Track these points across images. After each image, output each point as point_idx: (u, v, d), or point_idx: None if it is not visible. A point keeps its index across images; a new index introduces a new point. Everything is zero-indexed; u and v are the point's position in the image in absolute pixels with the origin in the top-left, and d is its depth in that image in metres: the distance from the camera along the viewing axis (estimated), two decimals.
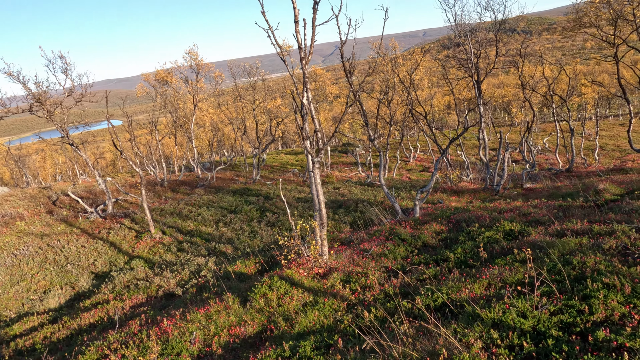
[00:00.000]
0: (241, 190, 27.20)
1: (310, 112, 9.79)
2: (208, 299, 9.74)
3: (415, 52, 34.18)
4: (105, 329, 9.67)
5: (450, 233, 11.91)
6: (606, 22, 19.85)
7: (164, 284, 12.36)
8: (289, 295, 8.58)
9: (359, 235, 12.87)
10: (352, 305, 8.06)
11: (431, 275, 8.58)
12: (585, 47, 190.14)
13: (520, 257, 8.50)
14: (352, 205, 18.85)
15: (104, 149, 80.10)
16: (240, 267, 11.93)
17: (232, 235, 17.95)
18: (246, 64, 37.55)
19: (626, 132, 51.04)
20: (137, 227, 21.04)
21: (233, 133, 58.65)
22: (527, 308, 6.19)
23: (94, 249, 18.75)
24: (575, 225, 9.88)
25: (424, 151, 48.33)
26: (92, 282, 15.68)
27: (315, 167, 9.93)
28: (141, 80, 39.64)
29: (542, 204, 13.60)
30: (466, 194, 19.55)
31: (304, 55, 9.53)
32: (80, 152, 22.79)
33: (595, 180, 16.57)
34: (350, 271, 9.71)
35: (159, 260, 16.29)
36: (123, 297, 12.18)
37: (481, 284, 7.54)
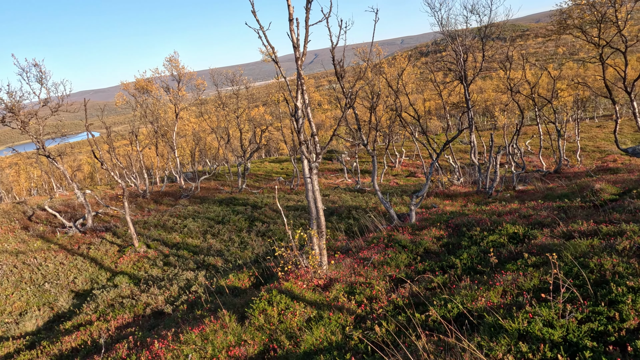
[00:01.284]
0: (227, 200, 26.44)
1: (307, 115, 9.30)
2: (202, 317, 9.06)
3: (399, 58, 34.21)
4: (89, 354, 8.88)
5: (451, 238, 11.53)
6: (590, 25, 20.05)
7: (151, 302, 11.59)
8: (291, 310, 8.00)
9: (357, 243, 12.39)
10: (360, 318, 7.54)
11: (440, 283, 8.14)
12: (557, 52, 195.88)
13: (531, 261, 8.14)
14: (345, 212, 18.38)
15: (81, 161, 77.90)
16: (234, 280, 11.28)
17: (221, 247, 17.23)
18: (229, 72, 36.92)
19: (605, 133, 52.23)
20: (119, 241, 20.08)
21: (215, 142, 57.71)
22: (552, 316, 5.78)
23: (74, 265, 17.74)
24: (582, 226, 9.62)
25: (409, 156, 48.39)
26: (73, 301, 14.73)
27: (313, 172, 9.43)
28: (120, 89, 38.54)
29: (540, 206, 13.41)
30: (459, 197, 19.33)
31: (299, 55, 9.06)
32: (58, 164, 21.73)
33: (589, 180, 16.54)
34: (353, 282, 9.20)
35: (144, 276, 15.44)
36: (107, 317, 11.35)
37: (496, 291, 7.13)
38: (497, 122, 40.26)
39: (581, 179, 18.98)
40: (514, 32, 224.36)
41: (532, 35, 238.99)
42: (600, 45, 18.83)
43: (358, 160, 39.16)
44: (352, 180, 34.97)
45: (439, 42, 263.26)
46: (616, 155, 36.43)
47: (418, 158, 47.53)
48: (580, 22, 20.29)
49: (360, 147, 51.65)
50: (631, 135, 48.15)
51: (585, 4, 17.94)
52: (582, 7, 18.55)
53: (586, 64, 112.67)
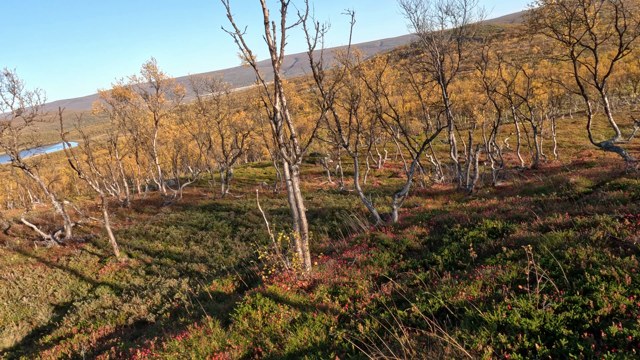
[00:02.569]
0: (210, 206, 26.20)
1: (285, 117, 9.32)
2: (185, 324, 8.96)
3: (378, 60, 34.53)
4: None
5: (433, 235, 11.68)
6: (561, 23, 20.60)
7: (133, 311, 11.40)
8: (275, 313, 7.98)
9: (340, 244, 12.43)
10: (344, 318, 7.57)
11: (422, 279, 8.24)
12: (532, 52, 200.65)
13: (509, 254, 8.31)
14: (328, 214, 18.41)
15: (59, 172, 76.13)
16: (218, 286, 11.18)
17: (204, 253, 17.05)
18: (209, 77, 36.68)
19: (580, 129, 53.62)
20: (100, 251, 19.69)
21: (197, 149, 57.16)
22: (530, 307, 5.91)
23: (53, 278, 17.32)
24: (557, 219, 9.86)
25: (391, 157, 48.77)
26: (53, 314, 14.37)
27: (294, 174, 9.44)
28: (97, 97, 37.89)
29: (518, 201, 13.69)
30: (440, 195, 19.58)
31: (276, 58, 9.08)
32: (34, 176, 21.22)
33: (564, 174, 16.96)
34: (337, 282, 9.23)
35: (126, 286, 15.17)
36: (89, 329, 11.11)
37: (476, 285, 7.25)
38: (476, 120, 40.96)
39: (557, 173, 19.44)
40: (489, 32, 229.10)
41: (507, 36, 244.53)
42: (571, 43, 19.35)
43: (341, 162, 39.31)
44: (335, 183, 35.08)
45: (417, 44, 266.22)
46: (591, 150, 37.44)
47: (400, 158, 47.97)
48: (552, 21, 20.83)
49: (343, 149, 51.88)
50: (605, 130, 49.54)
51: (556, 3, 18.44)
52: (552, 7, 19.06)
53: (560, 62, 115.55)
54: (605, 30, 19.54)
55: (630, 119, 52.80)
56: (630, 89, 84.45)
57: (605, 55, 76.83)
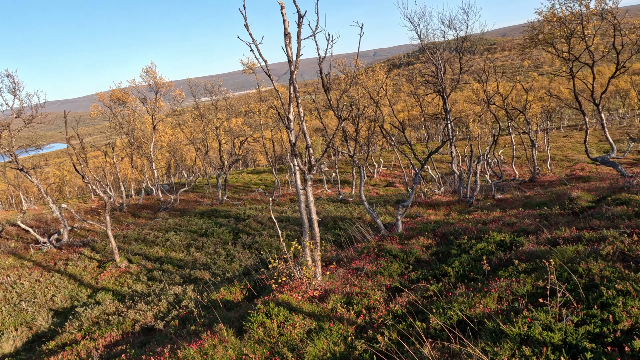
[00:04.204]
0: (209, 212, 26.10)
1: (302, 128, 9.41)
2: (197, 332, 8.93)
3: (377, 70, 34.88)
4: None
5: (440, 247, 11.80)
6: (559, 40, 21.06)
7: (140, 318, 11.30)
8: (290, 322, 8.00)
9: (347, 254, 12.50)
10: (361, 328, 7.62)
11: (436, 291, 8.33)
12: (523, 65, 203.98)
13: (522, 267, 8.45)
14: (331, 222, 18.46)
15: (48, 174, 75.17)
16: (225, 294, 11.16)
17: (207, 260, 16.96)
18: (207, 82, 36.71)
19: (572, 143, 54.50)
20: (98, 256, 19.49)
21: (192, 153, 56.95)
22: (550, 320, 6.03)
23: (51, 282, 17.09)
24: (565, 233, 10.05)
25: (387, 166, 49.09)
26: (53, 320, 14.17)
27: (308, 184, 9.51)
28: (93, 100, 37.64)
29: (522, 214, 13.90)
30: (441, 206, 19.76)
31: (293, 68, 9.20)
32: (32, 178, 20.99)
33: (564, 188, 17.26)
34: (349, 292, 9.28)
35: (128, 292, 15.03)
36: (94, 335, 10.99)
37: (492, 297, 7.36)
38: (471, 132, 41.47)
39: (556, 187, 19.76)
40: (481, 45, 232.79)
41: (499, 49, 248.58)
42: (570, 60, 19.79)
43: (337, 170, 39.44)
44: (332, 191, 35.18)
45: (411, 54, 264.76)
46: (584, 164, 38.11)
47: (396, 168, 48.29)
48: (551, 38, 21.29)
49: (339, 157, 52.11)
50: (596, 144, 50.42)
51: (556, 20, 18.89)
52: (552, 24, 19.51)
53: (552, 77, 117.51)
54: (604, 48, 20.03)
55: (621, 135, 53.88)
56: (618, 104, 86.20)
57: (601, 72, 78.42)
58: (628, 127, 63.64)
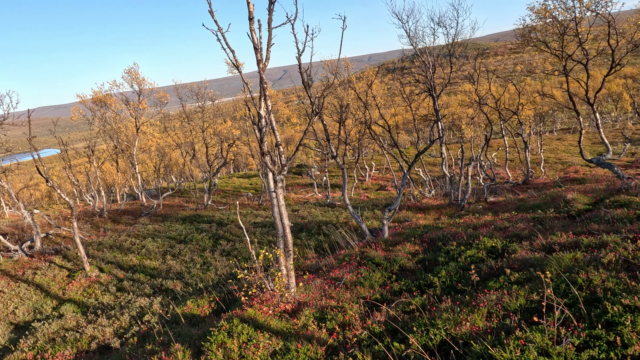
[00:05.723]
0: (191, 217, 25.06)
1: (271, 123, 8.50)
2: (152, 353, 7.94)
3: (367, 72, 34.14)
4: None
5: (427, 254, 10.90)
6: (552, 38, 20.38)
7: (98, 334, 10.28)
8: (254, 342, 7.04)
9: (328, 262, 11.56)
10: (332, 349, 6.68)
11: (419, 305, 7.42)
12: (515, 70, 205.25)
13: (514, 277, 7.57)
14: (315, 227, 17.53)
15: (38, 179, 73.63)
16: (192, 307, 10.17)
17: (181, 269, 15.95)
18: (193, 85, 35.77)
19: (565, 146, 54.03)
20: (69, 265, 18.40)
21: (181, 158, 55.84)
22: (546, 343, 5.13)
23: (16, 294, 15.98)
24: (561, 238, 9.20)
25: (379, 170, 48.29)
26: (10, 335, 13.07)
27: (278, 186, 8.59)
28: (77, 103, 36.54)
29: (515, 217, 13.05)
30: (432, 210, 18.90)
31: (261, 57, 8.29)
32: (1, 182, 19.90)
33: (559, 190, 16.46)
34: (324, 305, 8.34)
35: (94, 304, 13.98)
36: (46, 354, 9.94)
37: (481, 313, 6.46)
38: (464, 135, 40.83)
39: (550, 189, 18.97)
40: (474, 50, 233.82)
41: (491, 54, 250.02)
42: (563, 57, 19.09)
43: (328, 174, 38.57)
44: (322, 195, 34.26)
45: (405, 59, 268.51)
46: (577, 167, 37.51)
47: (388, 171, 47.50)
48: (544, 36, 20.61)
49: (330, 161, 51.25)
50: (589, 147, 49.97)
51: (549, 16, 18.20)
52: (545, 21, 18.83)
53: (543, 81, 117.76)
54: (598, 46, 19.37)
55: (614, 137, 53.49)
56: (611, 107, 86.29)
57: (593, 76, 78.35)
58: (621, 129, 63.44)
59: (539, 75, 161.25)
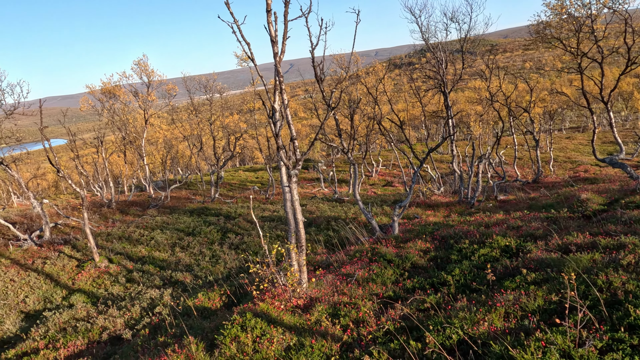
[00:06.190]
0: (199, 210, 25.10)
1: (286, 117, 8.43)
2: (165, 345, 7.95)
3: (377, 66, 33.90)
4: None
5: (439, 251, 10.82)
6: (567, 35, 20.09)
7: (109, 325, 10.33)
8: (267, 337, 7.02)
9: (338, 257, 11.51)
10: (347, 346, 6.64)
11: (433, 303, 7.35)
12: (524, 67, 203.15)
13: (531, 278, 7.47)
14: (324, 223, 17.50)
15: (45, 169, 74.14)
16: (203, 300, 10.17)
17: (190, 261, 15.98)
18: (202, 77, 35.70)
19: (574, 144, 53.52)
20: (79, 255, 18.50)
21: (188, 150, 55.93)
22: (568, 345, 5.05)
23: (26, 283, 16.10)
24: (577, 239, 9.08)
25: (385, 165, 48.10)
26: (21, 324, 13.19)
27: (293, 180, 8.53)
28: (86, 94, 36.62)
29: (527, 217, 12.92)
30: (441, 207, 18.79)
31: (277, 51, 8.21)
32: (12, 172, 20.00)
33: (571, 190, 16.28)
34: (336, 302, 8.30)
35: (104, 294, 14.05)
36: (57, 344, 10.01)
37: (498, 313, 6.38)
38: (473, 132, 40.51)
39: (561, 188, 18.78)
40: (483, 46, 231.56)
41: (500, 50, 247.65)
42: (578, 55, 18.81)
43: (335, 169, 38.45)
44: (329, 190, 34.20)
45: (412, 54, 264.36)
46: (587, 166, 37.11)
47: (395, 167, 47.31)
48: (558, 33, 20.31)
49: (337, 156, 51.13)
50: (599, 146, 49.39)
51: (565, 13, 17.92)
52: (561, 17, 18.55)
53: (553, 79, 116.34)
54: (614, 43, 19.04)
55: (625, 137, 52.86)
56: (621, 107, 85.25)
57: (615, 70, 77.21)
58: (632, 129, 62.69)
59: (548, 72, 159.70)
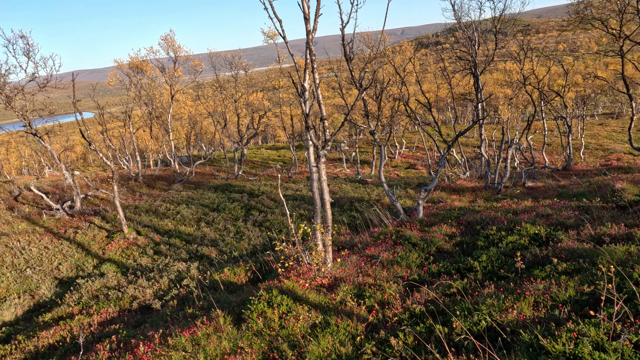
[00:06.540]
0: (223, 187, 25.47)
1: (318, 97, 8.35)
2: (193, 317, 8.21)
3: (405, 46, 33.10)
4: (67, 354, 8.03)
5: (465, 237, 10.72)
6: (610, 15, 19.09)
7: (139, 295, 10.72)
8: (293, 313, 7.15)
9: (362, 239, 11.54)
10: (372, 327, 6.71)
11: (460, 288, 7.32)
12: (557, 49, 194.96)
13: (562, 267, 7.34)
14: (347, 203, 17.51)
15: (74, 142, 76.27)
16: (229, 275, 10.41)
17: (215, 236, 16.33)
18: (227, 54, 35.64)
19: (607, 132, 51.57)
20: (108, 226, 19.13)
21: (212, 126, 56.45)
22: (601, 338, 4.97)
23: (59, 250, 16.80)
24: (611, 230, 8.82)
25: (409, 148, 47.51)
26: (56, 290, 13.83)
27: (321, 161, 8.52)
28: (114, 68, 37.13)
29: (557, 205, 12.60)
30: (466, 192, 18.51)
31: (310, 28, 8.08)
32: (45, 143, 20.63)
33: (604, 179, 15.75)
34: (361, 282, 8.36)
35: (133, 265, 14.55)
36: (90, 310, 10.47)
37: (527, 302, 6.31)
38: (501, 116, 39.43)
39: (593, 177, 18.19)
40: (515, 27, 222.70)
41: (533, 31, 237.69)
42: (620, 37, 17.90)
43: (358, 150, 38.21)
44: (351, 171, 34.10)
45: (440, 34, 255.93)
46: (620, 154, 35.78)
47: (418, 150, 46.70)
48: (600, 13, 19.33)
49: (360, 136, 50.72)
50: (634, 134, 47.50)
51: None
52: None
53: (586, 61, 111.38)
54: None
55: None
56: None
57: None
58: None
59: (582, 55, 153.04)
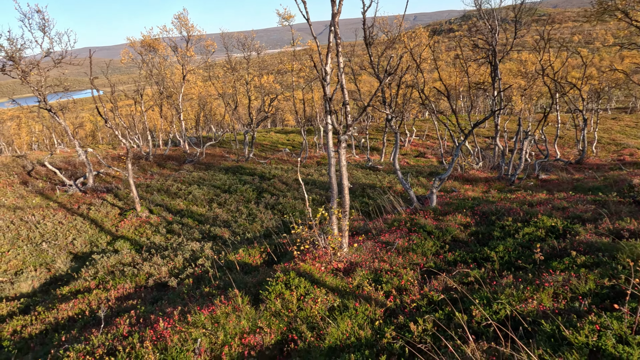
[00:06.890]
0: (234, 169, 25.54)
1: (341, 81, 8.28)
2: (210, 296, 8.34)
3: (419, 31, 32.55)
4: (87, 326, 8.19)
5: (480, 227, 10.71)
6: (634, 6, 18.63)
7: (154, 272, 10.87)
8: (311, 296, 7.24)
9: (377, 225, 11.58)
10: (390, 312, 6.78)
11: (478, 277, 7.35)
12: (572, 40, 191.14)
13: (580, 260, 7.33)
14: (359, 189, 17.51)
15: (83, 119, 76.55)
16: (244, 255, 10.52)
17: (228, 218, 16.44)
18: (240, 35, 35.31)
19: (621, 126, 50.80)
20: (120, 203, 19.31)
21: (221, 108, 56.33)
22: (624, 331, 4.99)
23: (73, 226, 17.02)
24: (630, 224, 8.77)
25: (419, 136, 47.23)
26: (71, 264, 14.06)
27: (342, 146, 8.49)
28: (126, 46, 36.95)
29: (573, 198, 12.53)
30: (479, 182, 18.43)
31: (335, 11, 7.96)
32: (59, 120, 20.72)
33: (620, 174, 15.60)
34: (377, 268, 8.42)
35: (146, 243, 14.72)
36: (107, 285, 10.66)
37: (547, 293, 6.33)
38: (514, 107, 38.96)
39: (607, 171, 18.02)
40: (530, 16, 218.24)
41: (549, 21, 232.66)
42: None
43: (368, 136, 38.05)
44: (360, 157, 34.01)
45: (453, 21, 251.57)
46: (633, 149, 35.37)
47: (428, 138, 46.42)
48: (624, 4, 18.87)
49: (370, 122, 50.41)
50: None
51: None
52: None
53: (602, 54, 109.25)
54: None
55: None
56: None
57: None
58: None
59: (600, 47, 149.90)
